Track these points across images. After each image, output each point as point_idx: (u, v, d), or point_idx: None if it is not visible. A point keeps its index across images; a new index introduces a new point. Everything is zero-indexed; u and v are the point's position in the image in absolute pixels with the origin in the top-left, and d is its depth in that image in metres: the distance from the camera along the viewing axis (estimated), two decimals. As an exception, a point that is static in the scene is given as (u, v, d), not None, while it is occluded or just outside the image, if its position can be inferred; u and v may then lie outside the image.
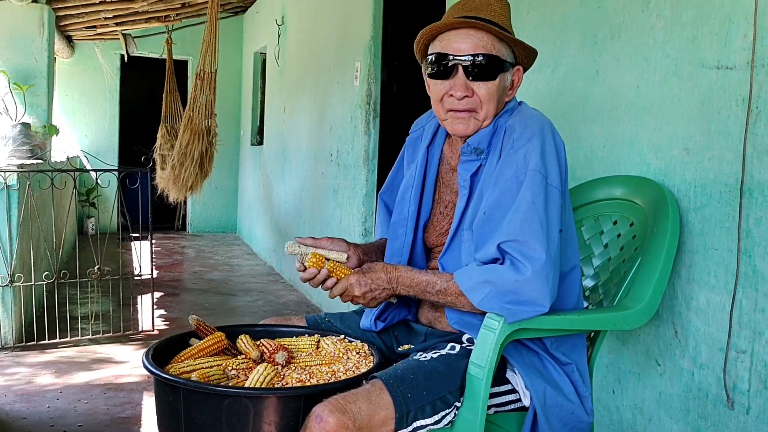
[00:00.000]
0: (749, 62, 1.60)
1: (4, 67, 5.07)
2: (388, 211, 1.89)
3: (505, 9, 1.59)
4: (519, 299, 1.42)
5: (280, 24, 6.54)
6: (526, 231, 1.42)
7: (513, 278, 1.41)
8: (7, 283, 3.67)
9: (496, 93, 1.55)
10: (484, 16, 1.54)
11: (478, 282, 1.45)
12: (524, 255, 1.41)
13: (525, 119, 1.54)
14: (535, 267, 1.40)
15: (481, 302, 1.45)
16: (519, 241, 1.42)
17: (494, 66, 1.53)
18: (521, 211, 1.44)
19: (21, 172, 3.73)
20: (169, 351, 1.65)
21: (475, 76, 1.53)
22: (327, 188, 4.99)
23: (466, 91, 1.53)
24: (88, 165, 7.94)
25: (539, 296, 1.42)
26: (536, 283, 1.41)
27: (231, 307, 5.02)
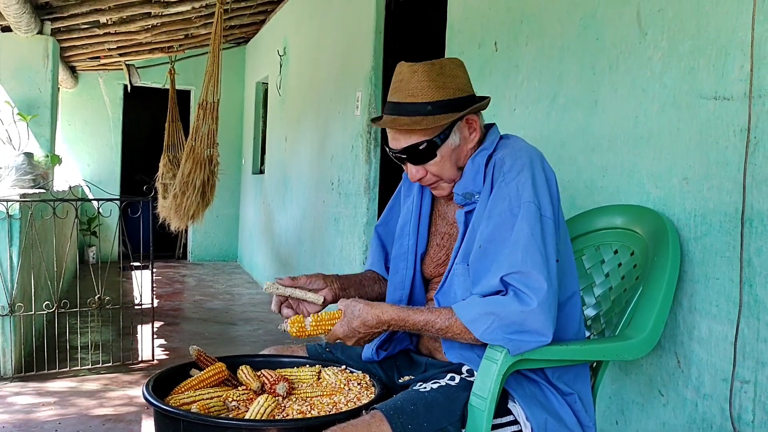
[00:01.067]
0: (746, 93, 1.61)
1: (9, 97, 5.11)
2: (381, 243, 1.90)
3: (426, 77, 1.55)
4: (522, 329, 1.41)
5: (281, 54, 6.61)
6: (528, 262, 1.42)
7: (518, 309, 1.40)
8: (7, 312, 3.66)
9: (447, 161, 1.59)
10: (404, 100, 1.56)
11: (480, 314, 1.44)
12: (528, 286, 1.41)
13: (514, 152, 1.55)
14: (540, 297, 1.40)
15: (483, 334, 1.43)
16: (522, 273, 1.42)
17: (427, 150, 1.57)
18: (521, 242, 1.44)
19: (23, 202, 3.75)
20: (169, 382, 1.64)
21: (416, 162, 1.59)
22: (328, 217, 5.00)
23: (418, 174, 1.61)
24: (90, 194, 7.96)
25: (542, 327, 1.41)
26: (541, 314, 1.40)
27: (231, 337, 5.00)
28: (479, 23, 2.86)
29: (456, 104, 1.55)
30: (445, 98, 1.55)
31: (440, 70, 1.56)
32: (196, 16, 6.29)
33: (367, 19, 4.27)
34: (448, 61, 1.60)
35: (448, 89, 1.55)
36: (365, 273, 1.91)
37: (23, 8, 4.51)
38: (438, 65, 1.57)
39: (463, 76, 1.60)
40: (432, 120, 1.53)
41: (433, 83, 1.55)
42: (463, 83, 1.59)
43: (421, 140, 1.56)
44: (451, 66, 1.59)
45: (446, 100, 1.55)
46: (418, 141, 1.56)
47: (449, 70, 1.57)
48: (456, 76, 1.58)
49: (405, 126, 1.54)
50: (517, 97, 2.57)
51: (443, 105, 1.54)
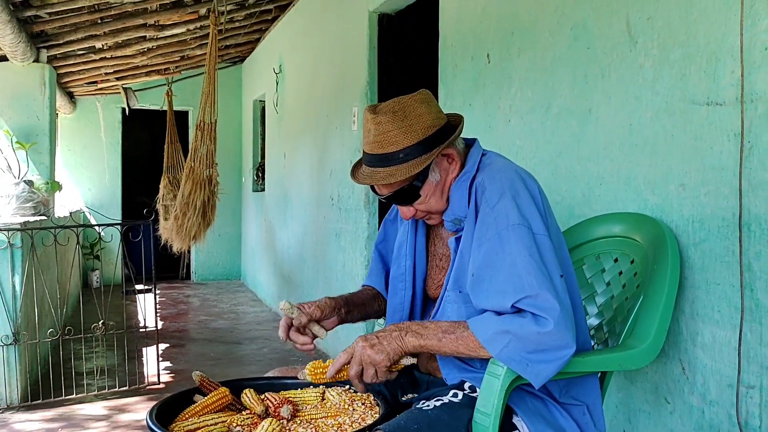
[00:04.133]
0: (738, 98, 1.62)
1: (7, 126, 5.14)
2: (382, 260, 1.91)
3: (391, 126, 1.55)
4: (540, 348, 1.39)
5: (277, 72, 6.64)
6: (534, 285, 1.40)
7: (535, 330, 1.39)
8: (11, 342, 3.66)
9: (432, 197, 1.60)
10: (376, 151, 1.56)
11: (496, 332, 1.41)
12: (540, 308, 1.39)
13: (493, 174, 1.56)
14: (555, 318, 1.38)
15: (500, 353, 1.41)
16: (531, 296, 1.40)
17: (409, 193, 1.59)
18: (520, 266, 1.42)
19: (24, 231, 3.75)
20: (173, 408, 1.64)
21: (402, 203, 1.62)
22: (329, 232, 5.00)
23: (409, 213, 1.64)
24: (92, 218, 7.98)
25: (562, 343, 1.39)
26: (557, 333, 1.38)
27: (237, 356, 4.99)
28: (471, 36, 2.87)
29: (427, 144, 1.54)
30: (414, 142, 1.53)
31: (404, 114, 1.55)
32: (191, 38, 6.33)
33: (360, 35, 4.30)
34: (410, 100, 1.57)
35: (416, 131, 1.54)
36: (364, 290, 1.92)
37: (18, 37, 4.54)
38: (401, 110, 1.55)
39: (428, 111, 1.57)
40: (406, 168, 1.53)
41: (399, 130, 1.54)
42: (430, 119, 1.56)
43: (401, 186, 1.57)
44: (414, 105, 1.56)
45: (416, 144, 1.54)
46: (399, 187, 1.58)
47: (412, 111, 1.55)
48: (420, 115, 1.55)
49: (382, 180, 1.55)
50: (511, 108, 2.57)
51: (414, 148, 1.54)
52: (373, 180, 1.57)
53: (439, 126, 1.57)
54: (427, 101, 1.59)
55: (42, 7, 4.60)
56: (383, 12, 4.15)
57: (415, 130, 1.54)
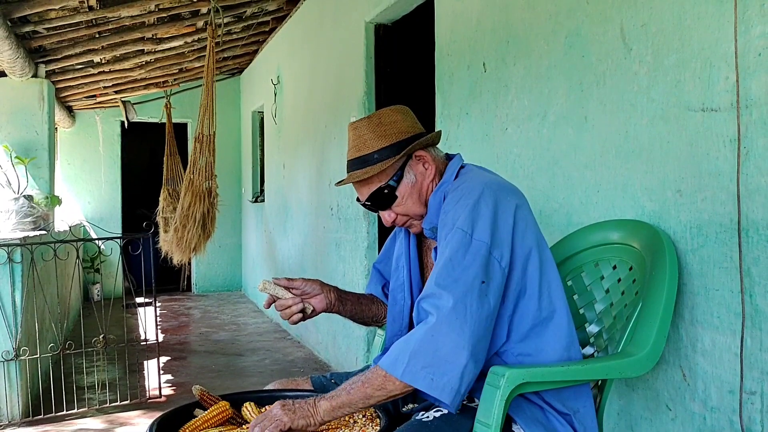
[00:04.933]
0: (734, 103, 1.62)
1: (6, 141, 5.15)
2: (380, 275, 1.96)
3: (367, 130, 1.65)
4: (437, 356, 1.36)
5: (275, 83, 6.66)
6: (440, 284, 1.43)
7: (422, 330, 1.39)
8: (12, 357, 3.66)
9: (409, 199, 1.66)
10: (354, 156, 1.67)
11: (398, 354, 1.41)
12: (433, 305, 1.41)
13: (460, 185, 1.59)
14: (441, 314, 1.38)
15: (404, 374, 1.38)
16: (433, 295, 1.43)
17: (387, 194, 1.65)
18: (438, 267, 1.47)
19: (24, 245, 3.76)
20: (173, 422, 1.63)
21: (382, 207, 1.69)
22: (329, 242, 5.00)
23: (390, 218, 1.70)
24: (92, 232, 7.98)
25: (455, 349, 1.35)
26: (444, 327, 1.37)
27: (239, 368, 4.98)
28: (467, 45, 2.88)
29: (399, 146, 1.64)
30: (387, 144, 1.64)
31: (379, 120, 1.67)
32: (188, 51, 6.35)
33: (357, 45, 4.31)
34: (387, 110, 1.69)
35: (390, 135, 1.64)
36: (365, 294, 1.97)
37: (17, 53, 4.55)
38: (376, 117, 1.68)
39: (403, 120, 1.68)
40: (379, 166, 1.62)
41: (374, 134, 1.65)
42: (404, 126, 1.66)
43: (378, 186, 1.65)
44: (389, 114, 1.68)
45: (389, 146, 1.64)
46: (377, 188, 1.65)
47: (387, 118, 1.67)
48: (395, 121, 1.66)
49: (358, 177, 1.64)
50: (508, 116, 2.58)
51: (387, 150, 1.63)
52: (351, 178, 1.66)
53: (413, 133, 1.67)
54: (403, 112, 1.71)
55: (40, 22, 4.62)
56: (380, 22, 4.17)
57: (388, 133, 1.64)
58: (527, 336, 1.54)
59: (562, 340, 1.57)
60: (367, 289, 1.99)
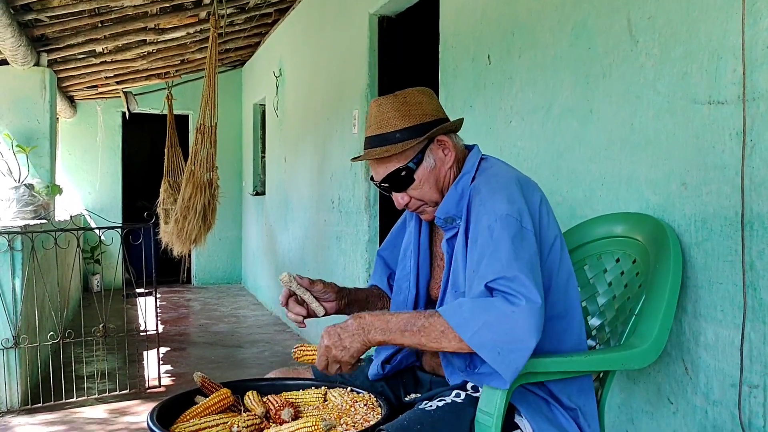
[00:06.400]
0: (740, 96, 1.61)
1: (8, 129, 5.13)
2: (385, 263, 1.92)
3: (391, 108, 1.62)
4: (511, 334, 1.35)
5: (277, 76, 6.65)
6: (514, 267, 1.39)
7: (508, 310, 1.36)
8: (12, 345, 3.65)
9: (426, 183, 1.63)
10: (375, 133, 1.63)
11: (469, 317, 1.39)
12: (515, 290, 1.38)
13: (489, 177, 1.58)
14: (528, 299, 1.36)
15: (472, 337, 1.38)
16: (507, 277, 1.39)
17: (405, 176, 1.62)
18: (503, 250, 1.42)
19: (24, 234, 3.75)
20: (174, 409, 1.63)
21: (398, 189, 1.65)
22: (330, 236, 4.99)
23: (403, 200, 1.66)
24: (92, 222, 7.97)
25: (528, 331, 1.35)
26: (530, 317, 1.35)
27: (238, 360, 4.98)
28: (472, 37, 2.87)
29: (422, 128, 1.61)
30: (411, 125, 1.60)
31: (404, 100, 1.63)
32: (191, 42, 6.33)
33: (360, 38, 4.30)
34: (413, 91, 1.66)
35: (414, 116, 1.61)
36: (371, 289, 1.93)
37: (19, 41, 4.54)
38: (402, 96, 1.64)
39: (429, 102, 1.65)
40: (401, 146, 1.59)
41: (398, 113, 1.61)
42: (429, 109, 1.63)
43: (397, 167, 1.61)
44: (415, 94, 1.65)
45: (412, 126, 1.60)
46: (395, 168, 1.62)
47: (412, 99, 1.64)
48: (420, 102, 1.63)
49: (377, 155, 1.61)
50: (512, 109, 2.57)
51: (410, 130, 1.60)
52: (370, 155, 1.62)
53: (437, 117, 1.64)
54: (429, 94, 1.67)
55: (42, 10, 4.60)
56: (383, 14, 4.16)
57: (413, 114, 1.61)
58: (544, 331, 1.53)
59: (574, 334, 1.57)
60: (372, 280, 1.95)
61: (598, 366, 1.58)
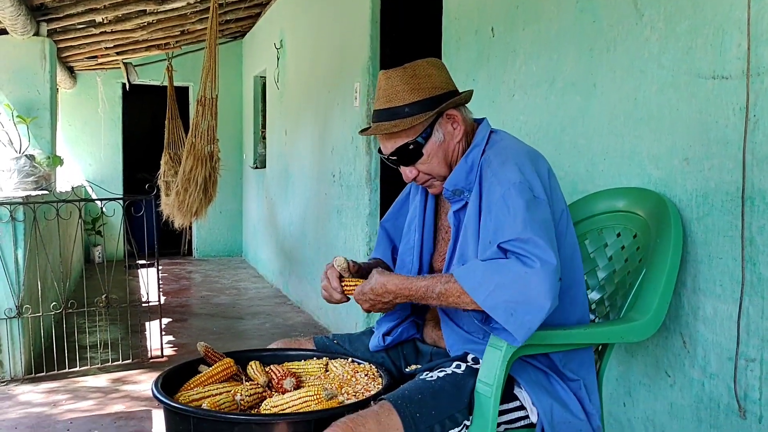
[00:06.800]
0: (744, 71, 1.61)
1: (8, 100, 5.11)
2: (388, 236, 1.93)
3: (400, 81, 1.61)
4: (525, 295, 1.37)
5: (278, 47, 6.60)
6: (528, 230, 1.41)
7: (522, 271, 1.38)
8: (15, 315, 3.68)
9: (435, 158, 1.63)
10: (384, 106, 1.62)
11: (482, 279, 1.42)
12: (530, 251, 1.39)
13: (500, 150, 1.59)
14: (542, 260, 1.38)
15: (485, 300, 1.41)
16: (522, 239, 1.40)
17: (413, 150, 1.62)
18: (519, 214, 1.44)
19: (26, 204, 3.76)
20: (178, 378, 1.66)
21: (406, 163, 1.65)
22: (331, 209, 5.00)
23: (411, 174, 1.66)
24: (93, 194, 7.98)
25: (544, 293, 1.37)
26: (545, 279, 1.37)
27: (239, 331, 5.02)
28: (476, 9, 2.85)
29: (432, 102, 1.60)
30: (420, 98, 1.59)
31: (413, 72, 1.62)
32: (191, 12, 6.27)
33: (362, 9, 4.26)
34: (422, 62, 1.64)
35: (423, 89, 1.60)
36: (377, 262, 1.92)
37: (18, 10, 4.50)
38: (411, 68, 1.62)
39: (438, 74, 1.63)
40: (410, 120, 1.58)
41: (407, 86, 1.60)
42: (438, 81, 1.62)
43: (405, 141, 1.61)
44: (425, 66, 1.63)
45: (422, 100, 1.59)
46: (404, 143, 1.61)
47: (422, 71, 1.62)
48: (430, 75, 1.62)
49: (386, 130, 1.60)
50: (515, 83, 2.56)
51: (419, 105, 1.59)
52: (378, 130, 1.61)
53: (447, 90, 1.62)
54: (438, 66, 1.65)
55: (41, -21, 4.57)
56: (386, -14, 4.12)
57: (422, 87, 1.59)
58: None
59: (579, 307, 1.59)
60: (375, 253, 1.95)
61: (597, 339, 1.60)
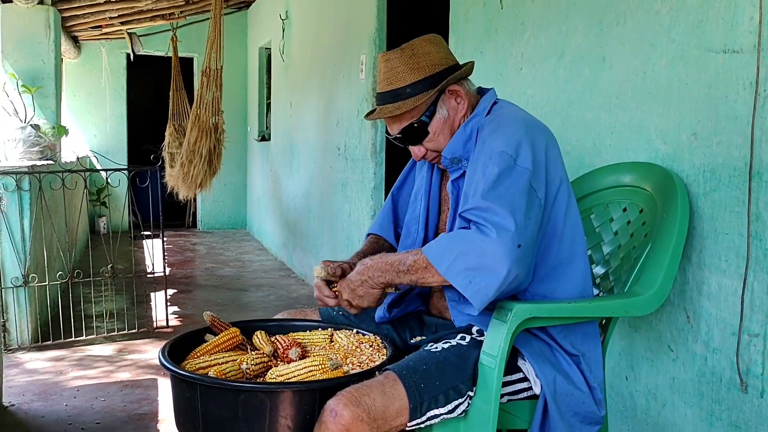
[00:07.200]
0: (756, 45, 1.59)
1: (12, 69, 5.09)
2: (393, 208, 1.94)
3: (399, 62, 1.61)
4: (481, 263, 1.38)
5: (284, 19, 6.54)
6: (490, 199, 1.42)
7: (478, 239, 1.40)
8: (21, 283, 3.71)
9: (440, 135, 1.64)
10: (386, 89, 1.62)
11: (444, 250, 1.44)
12: (487, 219, 1.40)
13: (496, 117, 1.59)
14: (501, 232, 1.38)
15: (447, 270, 1.42)
16: (481, 208, 1.42)
17: (418, 130, 1.62)
18: (486, 182, 1.45)
19: (32, 174, 3.76)
20: (184, 347, 1.67)
21: (413, 142, 1.66)
22: (335, 182, 5.00)
23: (419, 152, 1.68)
24: (98, 165, 7.98)
25: (500, 261, 1.37)
26: (500, 245, 1.37)
27: (243, 303, 5.05)
28: (484, -19, 2.81)
29: (433, 80, 1.60)
30: (420, 77, 1.60)
31: (411, 52, 1.62)
32: (196, -19, 6.21)
33: (369, -20, 4.21)
34: (420, 41, 1.64)
35: (423, 68, 1.60)
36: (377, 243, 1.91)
37: (22, -22, 4.47)
38: (409, 48, 1.63)
39: (437, 51, 1.63)
40: (412, 101, 1.59)
41: (406, 66, 1.61)
42: (437, 58, 1.62)
43: (410, 122, 1.62)
44: (423, 44, 1.63)
45: (422, 79, 1.60)
46: (408, 123, 1.62)
47: (420, 49, 1.62)
48: (428, 53, 1.62)
49: (390, 113, 1.61)
50: (523, 56, 2.54)
51: (420, 84, 1.60)
52: (380, 114, 1.62)
53: (447, 65, 1.63)
54: (436, 42, 1.65)
55: (45, -54, 4.52)
56: (393, -44, 4.07)
57: (421, 66, 1.60)
58: (546, 277, 1.56)
59: (578, 285, 1.59)
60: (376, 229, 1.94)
61: (600, 312, 1.61)
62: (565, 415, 1.51)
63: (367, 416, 1.34)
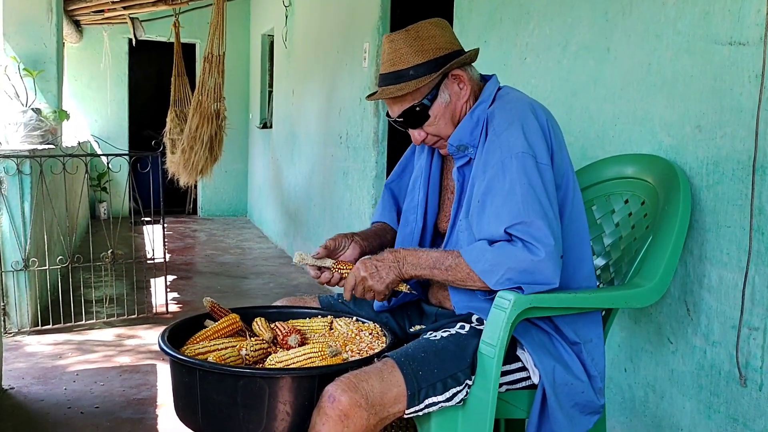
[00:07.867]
0: (762, 38, 1.58)
1: (14, 52, 5.06)
2: (393, 196, 1.92)
3: (404, 44, 1.60)
4: (534, 279, 1.44)
5: (287, 5, 6.51)
6: (531, 212, 1.44)
7: (528, 259, 1.43)
8: (21, 267, 3.71)
9: (441, 119, 1.63)
10: (389, 70, 1.61)
11: (492, 264, 1.46)
12: (534, 237, 1.43)
13: (504, 104, 1.58)
14: (548, 248, 1.42)
15: (497, 284, 1.46)
16: (525, 223, 1.44)
17: (420, 112, 1.61)
18: (519, 194, 1.46)
19: (33, 158, 3.76)
20: (184, 332, 1.67)
21: (414, 125, 1.65)
22: (337, 171, 4.99)
23: (420, 136, 1.66)
24: (99, 150, 7.97)
25: (551, 275, 1.44)
26: (549, 263, 1.42)
27: (243, 290, 5.06)
28: (489, -30, 2.80)
29: (436, 63, 1.59)
30: (424, 60, 1.59)
31: (416, 34, 1.60)
32: (199, -33, 6.18)
33: (373, -32, 4.18)
34: (425, 24, 1.63)
35: (427, 51, 1.59)
36: (376, 225, 1.92)
37: (25, -39, 4.44)
38: (414, 30, 1.61)
39: (442, 35, 1.62)
40: (415, 83, 1.58)
41: (411, 48, 1.59)
42: (442, 42, 1.61)
43: (411, 104, 1.61)
44: (428, 27, 1.62)
45: (426, 62, 1.59)
46: (410, 105, 1.61)
47: (425, 32, 1.61)
48: (433, 36, 1.60)
49: (391, 94, 1.60)
50: (528, 46, 2.53)
51: (424, 66, 1.59)
52: (384, 94, 1.61)
53: (452, 50, 1.62)
54: (442, 26, 1.64)
55: (48, -71, 4.48)
56: (398, -56, 4.04)
57: (426, 49, 1.59)
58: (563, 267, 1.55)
59: (585, 270, 1.59)
60: (380, 217, 1.93)
61: (601, 303, 1.60)
62: (564, 405, 1.51)
63: (365, 402, 1.34)
